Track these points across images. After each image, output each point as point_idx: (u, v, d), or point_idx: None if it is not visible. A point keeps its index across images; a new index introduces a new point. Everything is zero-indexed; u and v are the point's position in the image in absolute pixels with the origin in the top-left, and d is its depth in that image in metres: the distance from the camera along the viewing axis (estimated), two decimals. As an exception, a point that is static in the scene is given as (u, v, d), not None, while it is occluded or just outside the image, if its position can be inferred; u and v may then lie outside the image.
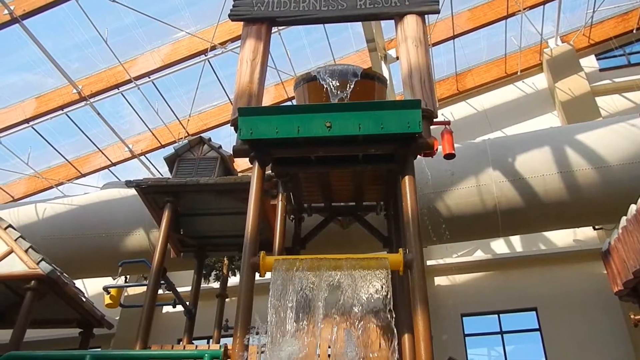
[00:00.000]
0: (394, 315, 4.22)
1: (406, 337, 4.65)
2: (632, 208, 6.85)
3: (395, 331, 4.29)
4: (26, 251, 6.39)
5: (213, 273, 10.85)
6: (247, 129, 4.69)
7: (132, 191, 7.70)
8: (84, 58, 12.82)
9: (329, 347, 4.55)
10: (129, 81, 12.79)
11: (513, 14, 13.59)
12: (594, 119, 11.92)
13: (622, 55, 14.73)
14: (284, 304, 4.10)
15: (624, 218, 7.12)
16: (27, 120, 13.00)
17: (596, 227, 11.32)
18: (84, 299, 7.18)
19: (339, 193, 6.31)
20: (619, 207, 7.41)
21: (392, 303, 4.19)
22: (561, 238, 11.89)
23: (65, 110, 12.98)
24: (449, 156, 8.23)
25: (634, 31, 14.41)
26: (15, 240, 6.50)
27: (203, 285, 8.88)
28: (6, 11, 10.70)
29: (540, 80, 15.07)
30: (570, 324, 10.59)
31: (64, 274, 6.91)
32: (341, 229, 7.16)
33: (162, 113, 13.89)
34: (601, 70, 14.54)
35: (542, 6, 13.74)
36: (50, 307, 6.93)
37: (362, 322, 4.37)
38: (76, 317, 7.32)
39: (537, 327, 10.96)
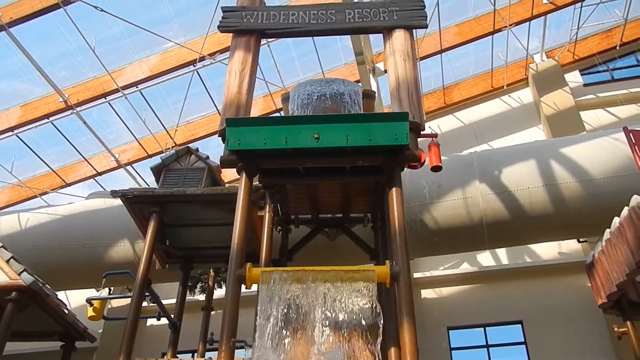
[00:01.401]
0: (381, 328, 4.21)
1: (392, 351, 4.62)
2: (616, 221, 6.93)
3: (381, 344, 4.27)
4: (7, 261, 6.28)
5: (199, 285, 10.74)
6: (235, 140, 4.67)
7: (118, 201, 7.61)
8: (71, 67, 12.75)
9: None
10: (116, 90, 12.73)
11: (499, 30, 13.82)
12: (578, 133, 12.10)
13: (605, 70, 15.04)
14: (270, 316, 4.06)
15: (607, 231, 7.20)
16: (11, 129, 12.86)
17: (580, 240, 11.44)
18: (67, 311, 7.06)
19: (327, 205, 6.30)
20: (603, 219, 7.50)
21: (379, 316, 4.18)
22: (546, 251, 11.99)
23: (51, 119, 12.87)
24: (436, 168, 8.32)
25: (617, 47, 14.73)
26: (-3, 250, 6.39)
27: (188, 297, 8.78)
28: (-7, 19, 10.63)
29: (525, 95, 15.30)
30: (555, 337, 10.65)
31: (46, 285, 6.79)
32: (328, 241, 7.15)
33: (150, 123, 13.82)
34: (585, 85, 14.81)
35: (528, 22, 13.99)
36: (31, 319, 6.80)
37: (348, 335, 4.34)
38: (58, 330, 7.19)
39: (523, 340, 11.00)
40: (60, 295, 8.16)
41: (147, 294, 7.16)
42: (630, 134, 7.47)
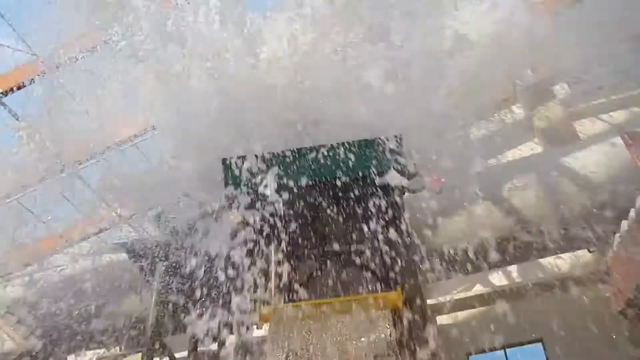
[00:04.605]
0: (397, 357, 4.11)
1: (413, 378, 4.48)
2: (624, 224, 6.87)
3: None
4: (13, 327, 6.18)
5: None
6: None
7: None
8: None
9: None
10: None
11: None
12: (574, 143, 12.11)
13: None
14: (282, 355, 3.97)
15: (617, 235, 7.13)
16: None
17: (591, 249, 11.29)
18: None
19: (333, 234, 6.24)
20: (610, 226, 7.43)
21: (394, 344, 4.09)
22: (558, 264, 11.82)
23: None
24: (437, 190, 8.30)
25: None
26: (2, 316, 6.29)
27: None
28: None
29: (516, 110, 15.36)
30: (577, 350, 10.37)
31: (56, 347, 6.66)
32: (337, 270, 7.05)
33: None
34: (574, 94, 14.90)
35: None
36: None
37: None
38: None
39: (545, 359, 10.75)
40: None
41: (158, 347, 7.03)
42: (626, 136, 7.51)
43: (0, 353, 6.01)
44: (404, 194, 4.97)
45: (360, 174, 4.68)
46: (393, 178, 4.78)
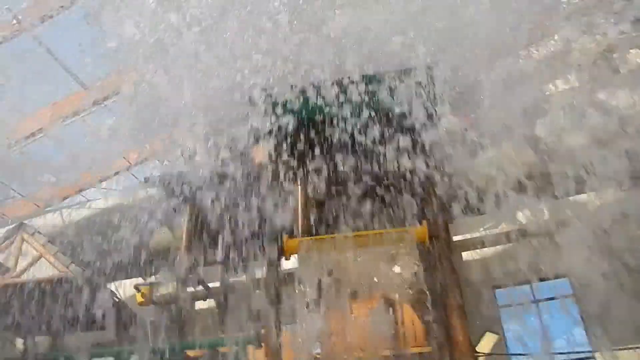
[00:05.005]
0: (426, 290, 4.18)
1: (439, 310, 4.59)
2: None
3: (428, 306, 4.25)
4: (54, 255, 6.48)
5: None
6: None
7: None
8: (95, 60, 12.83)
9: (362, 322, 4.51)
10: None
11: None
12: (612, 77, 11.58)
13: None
14: (311, 284, 4.08)
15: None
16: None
17: (623, 188, 11.04)
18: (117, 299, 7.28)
19: (362, 170, 6.23)
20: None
21: (422, 277, 4.15)
22: (587, 202, 11.61)
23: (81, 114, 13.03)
24: (467, 126, 8.11)
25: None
26: (44, 245, 6.60)
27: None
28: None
29: (554, 42, 14.69)
30: (603, 286, 10.40)
31: (94, 275, 7.00)
32: (364, 208, 7.09)
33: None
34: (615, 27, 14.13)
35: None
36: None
37: (392, 298, 4.33)
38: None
39: (571, 292, 10.84)
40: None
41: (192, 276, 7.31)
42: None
43: (43, 279, 6.36)
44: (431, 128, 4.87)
45: (389, 106, 4.57)
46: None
